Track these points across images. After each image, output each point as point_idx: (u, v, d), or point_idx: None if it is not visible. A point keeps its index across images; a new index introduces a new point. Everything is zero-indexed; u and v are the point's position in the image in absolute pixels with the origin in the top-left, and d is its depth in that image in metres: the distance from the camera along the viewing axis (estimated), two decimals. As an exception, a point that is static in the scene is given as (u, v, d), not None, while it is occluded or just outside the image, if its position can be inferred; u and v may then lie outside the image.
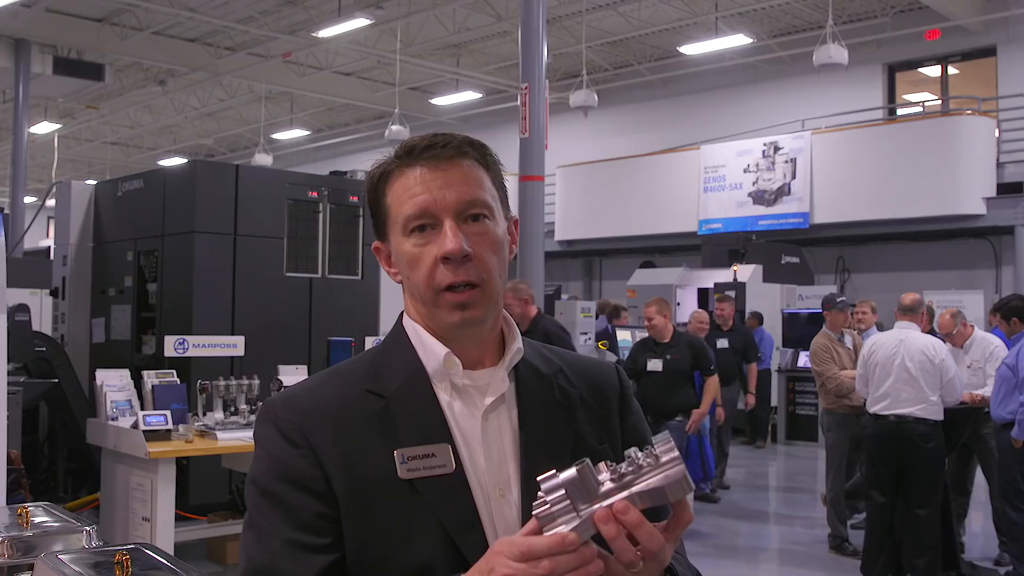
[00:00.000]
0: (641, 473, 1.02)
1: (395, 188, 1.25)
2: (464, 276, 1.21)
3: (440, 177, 1.23)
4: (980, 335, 6.73)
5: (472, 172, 1.25)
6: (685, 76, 18.19)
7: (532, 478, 1.20)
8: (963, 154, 13.55)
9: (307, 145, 25.37)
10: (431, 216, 1.22)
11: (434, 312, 1.24)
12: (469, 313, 1.22)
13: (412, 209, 1.22)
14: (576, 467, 1.02)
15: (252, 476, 1.23)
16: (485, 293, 1.23)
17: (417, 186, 1.23)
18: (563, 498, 1.02)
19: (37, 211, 9.41)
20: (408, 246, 1.24)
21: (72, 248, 7.69)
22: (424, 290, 1.23)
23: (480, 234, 1.23)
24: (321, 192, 7.32)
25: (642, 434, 1.39)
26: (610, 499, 1.01)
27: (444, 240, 1.21)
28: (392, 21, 15.90)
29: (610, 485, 1.02)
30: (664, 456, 1.02)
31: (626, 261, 17.84)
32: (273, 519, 1.18)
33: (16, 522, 2.35)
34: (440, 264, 1.21)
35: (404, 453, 1.19)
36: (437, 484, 1.18)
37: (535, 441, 1.24)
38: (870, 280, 15.21)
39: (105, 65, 17.04)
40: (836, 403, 6.75)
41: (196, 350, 5.99)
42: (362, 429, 1.21)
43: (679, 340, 6.94)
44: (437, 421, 1.22)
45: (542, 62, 8.95)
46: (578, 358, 1.41)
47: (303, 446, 1.20)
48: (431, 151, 1.24)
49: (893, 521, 5.78)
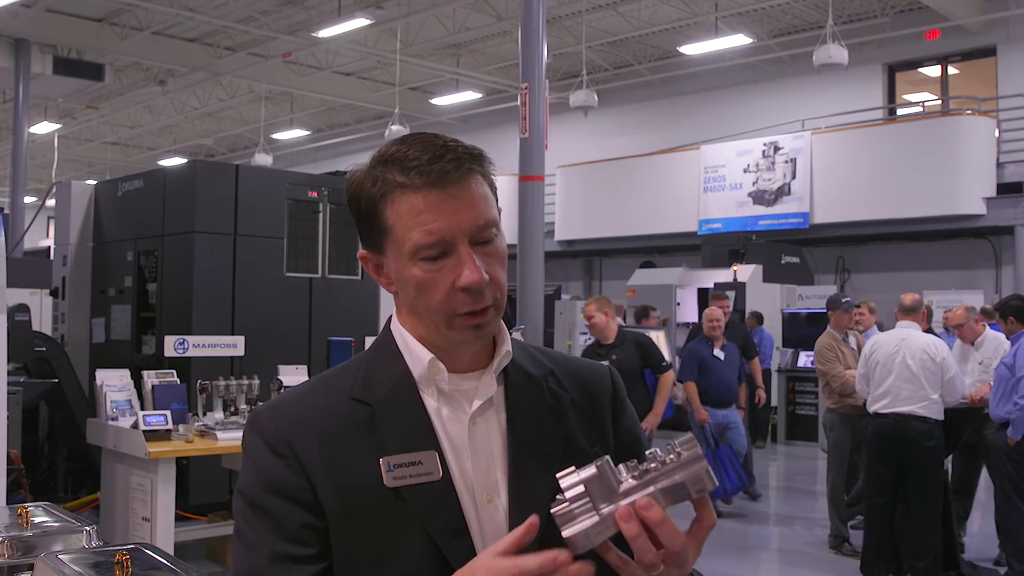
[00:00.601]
0: (662, 471, 1.00)
1: (399, 209, 1.18)
2: (484, 303, 1.19)
3: (451, 201, 1.17)
4: (992, 333, 6.76)
5: (480, 191, 1.20)
6: (685, 76, 18.19)
7: (521, 483, 1.21)
8: (963, 154, 13.55)
9: (307, 145, 25.37)
10: (446, 244, 1.17)
11: (444, 331, 1.21)
12: (483, 332, 1.21)
13: (425, 239, 1.17)
14: (596, 464, 1.00)
15: (239, 487, 1.22)
16: (497, 309, 1.22)
17: (427, 213, 1.17)
18: (582, 495, 1.00)
19: (37, 211, 9.42)
20: (416, 271, 1.19)
21: (72, 248, 7.69)
22: (436, 313, 1.20)
23: (492, 254, 1.20)
24: (321, 192, 7.32)
25: (636, 436, 1.37)
26: (631, 497, 0.99)
27: (463, 269, 1.17)
28: (392, 21, 15.90)
29: (631, 483, 1.00)
30: (686, 453, 1.00)
31: (626, 261, 17.84)
32: (260, 531, 1.17)
33: (16, 522, 2.35)
34: (458, 292, 1.18)
35: (390, 461, 1.18)
36: (424, 492, 1.17)
37: (524, 445, 1.23)
38: (870, 280, 15.21)
39: (105, 65, 17.03)
40: (840, 403, 6.76)
41: (196, 350, 5.99)
42: (348, 438, 1.20)
43: (624, 338, 6.50)
44: (423, 428, 1.21)
45: (542, 62, 8.95)
46: (570, 359, 1.38)
47: (288, 456, 1.19)
48: (436, 164, 1.17)
49: (893, 521, 5.79)
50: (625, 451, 1.31)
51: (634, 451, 1.32)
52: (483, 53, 18.56)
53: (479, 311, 1.19)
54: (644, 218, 16.80)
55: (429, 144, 1.20)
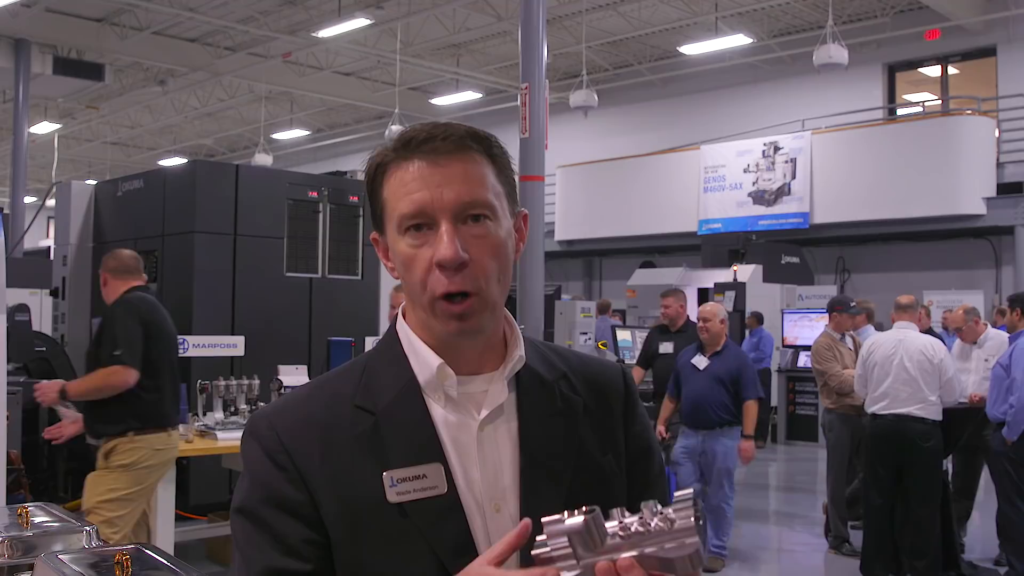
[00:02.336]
0: (650, 536, 0.96)
1: (391, 182, 1.17)
2: (459, 285, 1.14)
3: (438, 174, 1.14)
4: (994, 332, 6.78)
5: (474, 169, 1.16)
6: (685, 76, 18.19)
7: (531, 492, 1.17)
8: (963, 154, 13.55)
9: (307, 145, 25.37)
10: (427, 216, 1.14)
11: (431, 319, 1.17)
12: (466, 324, 1.16)
13: (407, 208, 1.15)
14: (584, 516, 0.98)
15: (237, 499, 1.19)
16: (482, 301, 1.16)
17: (413, 183, 1.15)
18: (565, 545, 0.98)
19: (37, 211, 9.41)
20: (403, 245, 1.17)
21: (72, 248, 7.69)
22: (419, 294, 1.17)
23: (479, 237, 1.15)
24: (321, 192, 7.33)
25: (645, 445, 1.33)
26: (614, 554, 0.97)
27: (439, 245, 1.13)
28: (392, 21, 15.90)
29: (617, 540, 0.97)
30: (680, 522, 0.96)
31: (626, 261, 17.84)
32: (259, 545, 1.14)
33: (16, 522, 2.35)
34: (435, 269, 1.14)
35: (394, 475, 1.14)
36: (428, 507, 1.14)
37: (534, 453, 1.19)
38: (870, 280, 15.21)
39: (105, 65, 17.03)
40: (838, 403, 6.76)
41: (196, 350, 6.00)
42: (351, 450, 1.16)
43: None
44: (429, 439, 1.17)
45: (542, 62, 8.94)
46: (583, 360, 1.34)
47: (289, 469, 1.16)
48: (430, 143, 1.15)
49: (893, 521, 5.79)
50: (635, 461, 1.30)
51: (643, 463, 1.32)
52: (483, 53, 18.56)
53: (457, 296, 1.14)
54: (644, 218, 16.80)
55: (434, 124, 1.19)
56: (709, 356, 6.24)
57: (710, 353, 6.25)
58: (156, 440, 4.51)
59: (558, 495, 1.17)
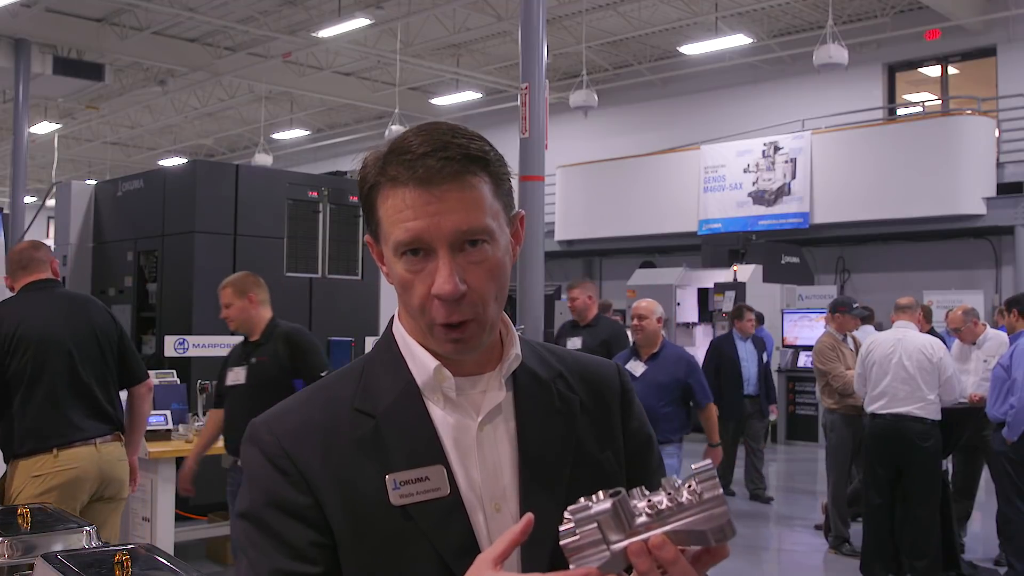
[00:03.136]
0: (679, 511, 0.96)
1: (386, 205, 1.15)
2: (459, 316, 1.13)
3: (434, 201, 1.11)
4: (993, 332, 6.79)
5: (471, 194, 1.13)
6: (685, 76, 18.19)
7: (531, 491, 1.18)
8: (963, 154, 13.54)
9: (307, 145, 25.37)
10: (424, 243, 1.12)
11: (427, 337, 1.18)
12: (464, 345, 1.16)
13: (403, 236, 1.12)
14: (611, 499, 0.97)
15: (240, 505, 1.18)
16: (480, 324, 1.16)
17: (408, 210, 1.12)
18: (594, 531, 0.96)
19: (37, 211, 9.42)
20: (400, 268, 1.15)
21: (72, 248, 7.69)
22: (417, 316, 1.16)
23: (477, 262, 1.14)
24: (321, 192, 7.33)
25: (644, 439, 1.33)
26: (645, 534, 0.96)
27: (437, 277, 1.12)
28: (392, 21, 15.89)
29: (645, 519, 0.97)
30: (707, 493, 0.95)
31: (626, 261, 17.84)
32: (266, 549, 1.13)
33: (16, 522, 2.35)
34: (433, 299, 1.13)
35: (396, 478, 1.14)
36: (432, 509, 1.14)
37: (533, 452, 1.20)
38: (870, 280, 15.21)
39: (105, 65, 17.02)
40: (840, 403, 6.76)
41: (196, 350, 6.00)
42: (352, 453, 1.16)
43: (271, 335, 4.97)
44: (429, 441, 1.17)
45: (542, 62, 8.94)
46: (578, 358, 1.34)
47: (292, 473, 1.15)
48: (424, 162, 1.12)
49: (892, 521, 5.79)
50: (633, 456, 1.30)
51: (642, 457, 1.32)
52: (483, 53, 18.56)
53: (456, 325, 1.14)
54: (644, 218, 16.80)
55: (433, 137, 1.15)
56: (646, 360, 5.44)
57: (646, 356, 5.45)
58: (32, 466, 3.76)
59: (557, 493, 1.17)
